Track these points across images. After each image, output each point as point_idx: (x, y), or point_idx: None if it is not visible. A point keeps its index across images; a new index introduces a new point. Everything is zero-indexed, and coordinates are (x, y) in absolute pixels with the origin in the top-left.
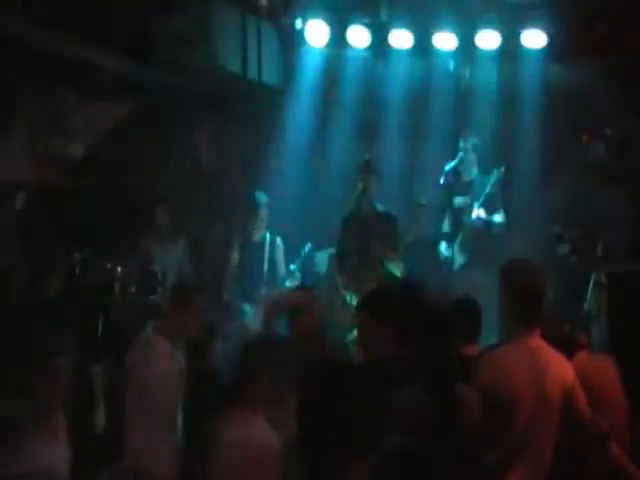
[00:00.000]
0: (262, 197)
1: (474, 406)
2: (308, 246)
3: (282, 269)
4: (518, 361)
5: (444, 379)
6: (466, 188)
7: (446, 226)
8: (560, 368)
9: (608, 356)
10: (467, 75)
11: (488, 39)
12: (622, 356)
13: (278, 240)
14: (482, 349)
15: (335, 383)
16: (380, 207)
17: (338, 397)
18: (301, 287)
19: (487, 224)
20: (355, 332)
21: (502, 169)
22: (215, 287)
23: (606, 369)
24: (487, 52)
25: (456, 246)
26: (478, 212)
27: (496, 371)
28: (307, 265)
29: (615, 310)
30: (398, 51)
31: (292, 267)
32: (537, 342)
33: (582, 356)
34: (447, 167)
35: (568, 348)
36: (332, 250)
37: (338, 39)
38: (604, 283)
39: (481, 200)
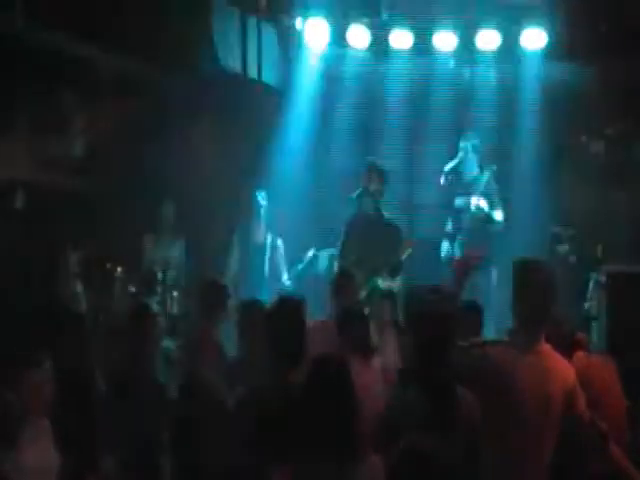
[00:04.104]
0: (262, 197)
1: (472, 407)
2: (311, 252)
3: (283, 270)
4: (521, 363)
5: (443, 380)
6: (466, 188)
7: (449, 226)
8: (562, 371)
9: (607, 356)
10: (467, 75)
11: (488, 39)
12: (622, 356)
13: (279, 241)
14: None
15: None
16: (386, 214)
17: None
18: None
19: (488, 218)
20: None
21: (494, 167)
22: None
23: (605, 369)
24: (487, 52)
25: (456, 246)
26: (478, 202)
27: (499, 372)
28: (309, 268)
29: (615, 310)
30: (398, 51)
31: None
32: (541, 344)
33: (581, 356)
34: (447, 167)
35: (568, 348)
36: (333, 251)
37: (338, 39)
38: (604, 283)
39: (478, 195)
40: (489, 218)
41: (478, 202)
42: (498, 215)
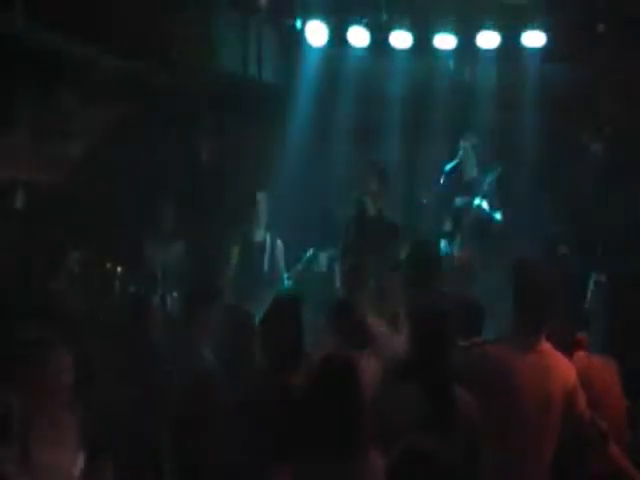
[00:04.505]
0: (262, 197)
1: (471, 407)
2: (310, 252)
3: (282, 270)
4: (522, 362)
5: (441, 379)
6: (466, 188)
7: (448, 226)
8: (563, 370)
9: (608, 357)
10: (467, 75)
11: (488, 39)
12: (622, 356)
13: (278, 241)
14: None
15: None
16: (387, 215)
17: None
18: None
19: (489, 218)
20: None
21: (499, 169)
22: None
23: (606, 370)
24: (487, 52)
25: (455, 246)
26: (480, 202)
27: (500, 371)
28: (309, 267)
29: (615, 310)
30: (398, 51)
31: (287, 275)
32: (542, 344)
33: (582, 356)
34: (447, 167)
35: (568, 348)
36: (333, 251)
37: (338, 39)
38: (604, 283)
39: (481, 195)
40: (490, 218)
41: (480, 203)
42: (499, 216)
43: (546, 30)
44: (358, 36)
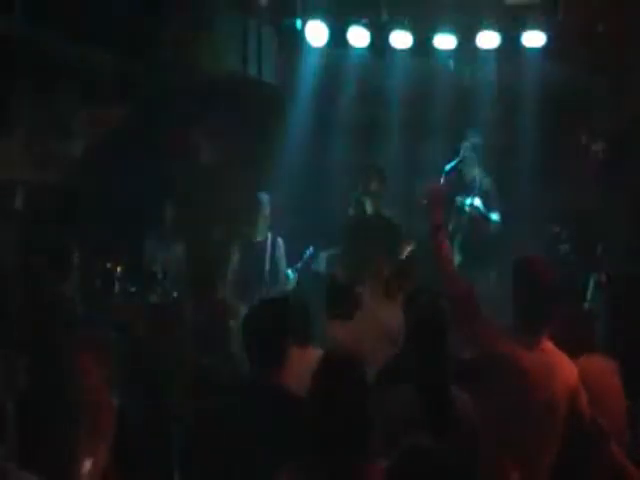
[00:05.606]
0: (263, 197)
1: (469, 406)
2: (310, 250)
3: (284, 269)
4: (525, 361)
5: (439, 378)
6: (467, 188)
7: (450, 226)
8: (566, 369)
9: (609, 357)
10: (467, 75)
11: (488, 39)
12: (622, 356)
13: (279, 240)
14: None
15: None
16: (386, 213)
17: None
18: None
19: (484, 217)
20: None
21: (491, 176)
22: (215, 287)
23: (606, 369)
24: (487, 52)
25: (455, 246)
26: (473, 200)
27: (503, 369)
28: (308, 267)
29: (615, 310)
30: (398, 51)
31: (292, 271)
32: (544, 343)
33: (584, 356)
34: (447, 167)
35: (573, 348)
36: (332, 251)
37: (338, 39)
38: (604, 283)
39: (472, 195)
40: (486, 218)
41: (473, 202)
42: (495, 216)
43: (546, 30)
44: (358, 36)
